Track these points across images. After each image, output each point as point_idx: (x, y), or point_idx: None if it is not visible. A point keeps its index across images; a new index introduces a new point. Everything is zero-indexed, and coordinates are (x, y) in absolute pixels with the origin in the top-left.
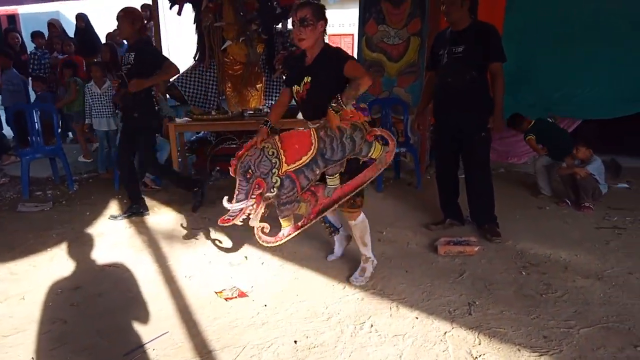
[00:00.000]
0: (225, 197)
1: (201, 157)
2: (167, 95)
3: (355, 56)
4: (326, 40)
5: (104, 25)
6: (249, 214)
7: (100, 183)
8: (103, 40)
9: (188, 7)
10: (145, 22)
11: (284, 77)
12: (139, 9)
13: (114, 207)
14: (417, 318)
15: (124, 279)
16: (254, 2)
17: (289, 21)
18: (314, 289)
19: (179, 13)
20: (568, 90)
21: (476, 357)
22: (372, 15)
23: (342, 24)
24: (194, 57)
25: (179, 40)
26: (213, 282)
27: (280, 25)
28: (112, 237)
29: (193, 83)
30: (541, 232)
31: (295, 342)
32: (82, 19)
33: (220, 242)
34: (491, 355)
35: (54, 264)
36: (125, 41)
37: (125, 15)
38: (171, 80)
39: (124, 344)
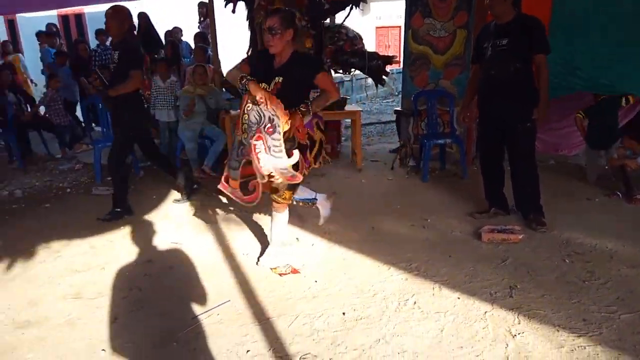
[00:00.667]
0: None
1: None
2: (223, 89)
3: (402, 49)
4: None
5: (163, 23)
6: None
7: None
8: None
9: (241, 5)
10: (202, 19)
11: (248, 57)
12: (129, 9)
13: (176, 192)
14: (458, 298)
15: (189, 255)
16: None
17: (337, 16)
18: (361, 268)
19: (233, 11)
20: (616, 80)
21: (515, 335)
22: (418, 9)
23: (390, 15)
24: (247, 53)
25: (233, 36)
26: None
27: (328, 20)
28: (176, 218)
29: None
30: (588, 223)
31: (344, 313)
32: (143, 17)
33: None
34: (530, 334)
35: (127, 240)
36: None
37: (115, 13)
38: (225, 74)
39: (192, 309)
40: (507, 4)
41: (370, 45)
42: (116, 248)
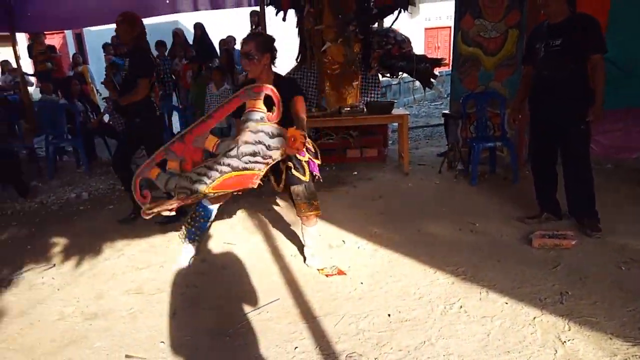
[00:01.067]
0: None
1: None
2: None
3: (452, 50)
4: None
5: (217, 32)
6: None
7: None
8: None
9: (291, 13)
10: (254, 27)
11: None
12: (138, 16)
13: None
14: (506, 303)
15: (241, 255)
16: (351, 5)
17: (385, 20)
18: (406, 271)
19: (284, 19)
20: None
21: (564, 342)
22: (468, 10)
23: (440, 17)
24: (296, 59)
25: (283, 43)
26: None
27: (376, 25)
28: (229, 220)
29: None
30: None
31: (389, 315)
32: (199, 27)
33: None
34: (580, 341)
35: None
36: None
37: (124, 20)
38: None
39: (244, 306)
40: (561, 3)
41: (419, 47)
42: (173, 247)
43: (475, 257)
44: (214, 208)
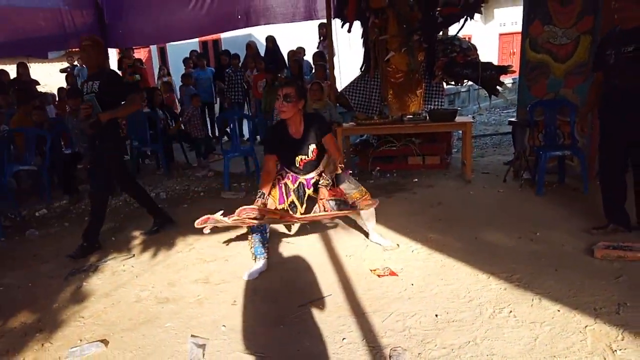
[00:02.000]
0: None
1: (363, 158)
2: (337, 104)
3: (520, 57)
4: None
5: (287, 44)
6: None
7: None
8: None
9: (357, 24)
10: (322, 38)
11: (266, 146)
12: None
13: None
14: (559, 311)
15: (299, 253)
16: (417, 14)
17: (450, 29)
18: (458, 275)
19: (349, 30)
20: None
21: (615, 351)
22: (538, 16)
23: (515, 22)
24: (360, 68)
25: (348, 54)
26: (368, 261)
27: (441, 33)
28: None
29: (359, 91)
30: None
31: (437, 315)
32: (270, 40)
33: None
34: (633, 351)
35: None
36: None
37: (93, 44)
38: (340, 89)
39: (298, 298)
40: (637, 9)
41: (493, 53)
42: (238, 244)
43: (531, 265)
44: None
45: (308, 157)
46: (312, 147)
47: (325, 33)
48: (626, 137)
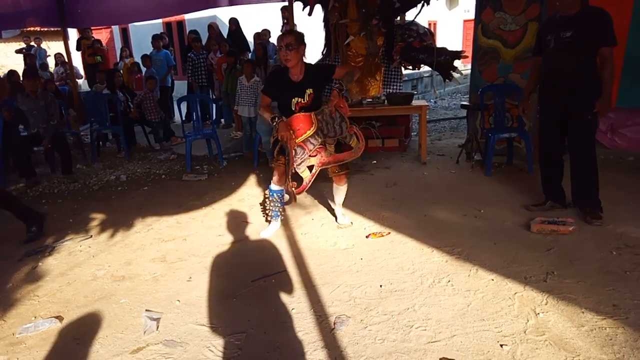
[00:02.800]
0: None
1: None
2: None
3: (465, 44)
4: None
5: (251, 27)
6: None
7: (243, 160)
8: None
9: (318, 8)
10: (286, 21)
11: (265, 87)
12: None
13: (253, 179)
14: (492, 280)
15: (256, 232)
16: None
17: (407, 14)
18: (405, 250)
19: (310, 14)
20: None
21: (538, 313)
22: (489, 3)
23: None
24: (322, 52)
25: (310, 37)
26: (322, 239)
27: (398, 19)
28: (249, 202)
29: None
30: None
31: (381, 286)
32: (233, 22)
33: (331, 210)
34: (553, 313)
35: (207, 217)
36: None
37: None
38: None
39: (253, 274)
40: None
41: (457, 39)
42: (197, 224)
43: (473, 240)
44: (281, 188)
45: (304, 100)
46: (309, 90)
47: (288, 16)
48: (563, 118)
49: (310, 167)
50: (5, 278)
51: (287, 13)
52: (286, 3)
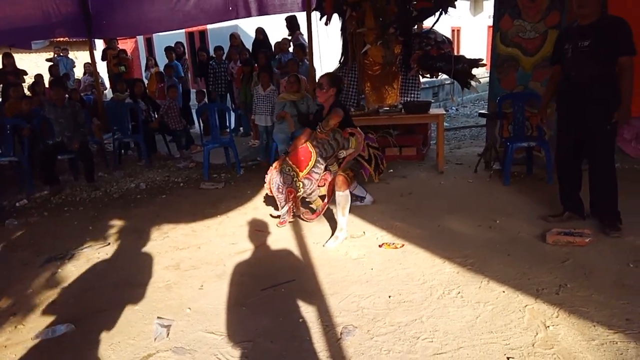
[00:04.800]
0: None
1: None
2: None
3: (490, 51)
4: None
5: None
6: (293, 211)
7: (260, 169)
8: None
9: (335, 17)
10: (290, 33)
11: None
12: None
13: None
14: (503, 292)
15: (268, 241)
16: (392, 8)
17: (425, 22)
18: (416, 260)
19: (326, 23)
20: None
21: (548, 326)
22: (507, 11)
23: None
24: (339, 61)
25: (327, 46)
26: (333, 248)
27: (416, 27)
28: (264, 210)
29: None
30: None
31: (390, 296)
32: (260, 32)
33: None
34: (564, 327)
35: (222, 226)
36: None
37: None
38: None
39: (263, 283)
40: (597, 4)
41: (482, 45)
42: (211, 232)
43: (486, 251)
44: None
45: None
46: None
47: (291, 27)
48: (580, 127)
49: (322, 197)
50: (26, 284)
51: (289, 24)
52: (294, 13)
